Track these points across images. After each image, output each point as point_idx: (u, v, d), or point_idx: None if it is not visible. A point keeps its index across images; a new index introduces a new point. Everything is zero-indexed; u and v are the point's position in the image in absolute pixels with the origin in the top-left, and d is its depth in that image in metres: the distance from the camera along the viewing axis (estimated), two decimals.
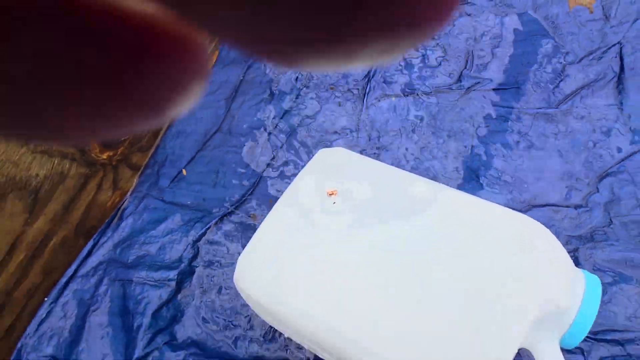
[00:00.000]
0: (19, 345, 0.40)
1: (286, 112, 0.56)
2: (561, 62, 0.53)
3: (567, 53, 0.53)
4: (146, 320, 0.40)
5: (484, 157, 0.49)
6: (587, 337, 0.38)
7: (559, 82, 0.52)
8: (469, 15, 0.58)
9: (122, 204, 0.49)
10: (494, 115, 0.52)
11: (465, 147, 0.50)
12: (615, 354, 0.36)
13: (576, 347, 0.37)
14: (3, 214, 0.38)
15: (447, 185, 0.48)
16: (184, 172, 0.50)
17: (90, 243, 0.46)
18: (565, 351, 0.32)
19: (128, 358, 0.38)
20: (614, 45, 0.52)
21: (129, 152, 0.50)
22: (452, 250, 0.32)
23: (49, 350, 0.40)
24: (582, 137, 0.48)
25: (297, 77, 0.57)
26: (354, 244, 0.33)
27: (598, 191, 0.45)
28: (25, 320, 0.41)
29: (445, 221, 0.34)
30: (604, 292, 0.39)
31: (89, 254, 0.45)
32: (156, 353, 0.38)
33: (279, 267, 0.33)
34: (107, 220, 0.48)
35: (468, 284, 0.30)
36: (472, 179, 0.48)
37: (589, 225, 0.43)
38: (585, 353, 0.37)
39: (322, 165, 0.38)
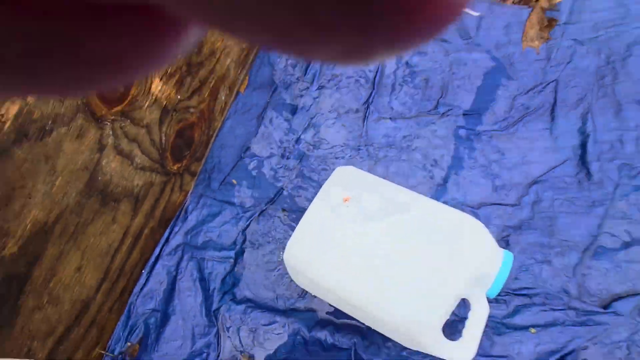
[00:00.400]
0: (129, 302, 0.58)
1: (305, 129, 0.73)
2: (513, 94, 0.71)
3: (518, 86, 0.71)
4: (217, 285, 0.58)
5: (452, 167, 0.68)
6: (507, 291, 0.58)
7: (510, 109, 0.70)
8: (447, 51, 0.75)
9: (186, 202, 0.67)
10: (460, 135, 0.70)
11: (439, 159, 0.68)
12: (525, 302, 0.56)
13: (502, 299, 0.57)
14: (119, 212, 0.55)
15: (423, 189, 0.66)
16: (234, 182, 0.67)
17: (168, 231, 0.63)
18: (492, 300, 0.51)
19: (208, 309, 0.57)
20: (551, 82, 0.70)
21: (190, 163, 0.67)
22: (421, 235, 0.50)
23: (151, 305, 0.58)
24: (522, 152, 0.67)
25: (311, 104, 0.74)
26: (361, 231, 0.52)
27: (528, 194, 0.64)
28: (131, 286, 0.59)
29: (418, 218, 0.52)
30: (524, 263, 0.59)
31: (167, 239, 0.63)
32: (225, 306, 0.57)
33: (315, 247, 0.51)
34: (177, 214, 0.65)
35: (432, 257, 0.48)
36: (441, 183, 0.67)
37: (519, 218, 0.62)
38: (507, 303, 0.57)
39: (340, 178, 0.56)
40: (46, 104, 0.43)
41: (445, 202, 0.64)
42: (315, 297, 0.59)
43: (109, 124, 0.51)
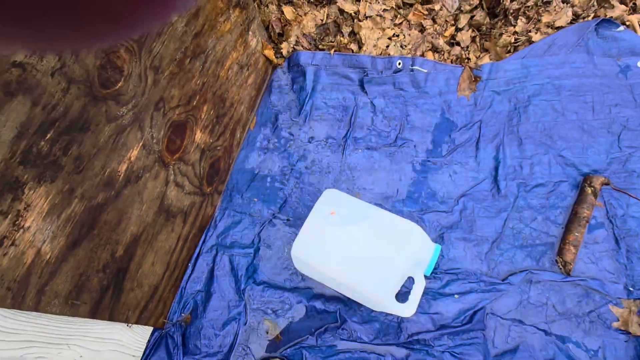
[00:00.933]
0: (181, 286, 0.83)
1: (299, 159, 0.98)
2: (451, 130, 0.98)
3: (453, 124, 0.98)
4: (243, 272, 0.84)
5: (409, 186, 0.95)
6: (441, 271, 0.85)
7: (449, 141, 0.97)
8: (404, 97, 1.01)
9: (215, 214, 0.91)
10: (414, 162, 0.97)
11: (398, 180, 0.95)
12: (452, 278, 0.84)
13: (437, 276, 0.85)
14: (175, 224, 0.80)
15: (385, 201, 0.93)
16: (255, 200, 0.92)
17: (203, 236, 0.88)
18: (430, 277, 0.79)
19: (237, 289, 0.82)
20: (477, 122, 0.98)
21: (218, 185, 0.92)
22: (382, 235, 0.77)
23: (198, 287, 0.83)
24: (457, 174, 0.94)
25: (309, 138, 0.99)
26: (342, 233, 0.78)
27: (457, 204, 0.91)
28: (182, 274, 0.84)
29: (379, 223, 0.79)
30: (453, 252, 0.87)
31: (204, 241, 0.88)
32: (250, 287, 0.83)
33: (313, 245, 0.77)
34: (209, 222, 0.90)
35: (388, 248, 0.75)
36: (399, 198, 0.94)
37: (451, 221, 0.90)
38: (440, 279, 0.84)
39: (328, 197, 0.82)
40: (139, 159, 0.67)
41: (401, 210, 0.91)
42: (311, 279, 0.85)
43: (171, 167, 0.75)
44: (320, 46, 1.06)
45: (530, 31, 1.02)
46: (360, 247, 0.76)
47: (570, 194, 0.89)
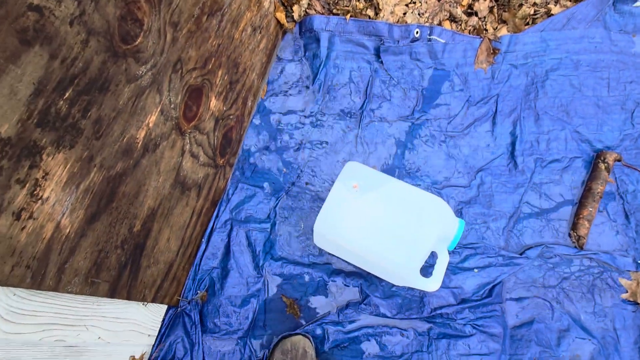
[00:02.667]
0: (195, 263, 0.79)
1: (312, 131, 0.94)
2: (467, 103, 0.96)
3: (470, 97, 0.96)
4: (260, 248, 0.80)
5: (426, 160, 0.93)
6: (460, 246, 0.85)
7: (466, 115, 0.95)
8: (421, 69, 0.98)
9: (227, 187, 0.86)
10: (431, 136, 0.94)
11: (414, 153, 0.93)
12: (471, 253, 0.84)
13: (456, 251, 0.85)
14: (190, 198, 0.74)
15: (402, 174, 0.91)
16: (285, 170, 0.87)
17: (217, 209, 0.83)
18: (450, 252, 0.78)
19: (256, 264, 0.79)
20: (494, 96, 0.96)
21: (230, 157, 0.86)
22: (405, 209, 0.75)
23: (213, 264, 0.79)
24: (472, 148, 0.93)
25: (323, 109, 0.95)
26: (365, 207, 0.75)
27: (475, 178, 0.90)
28: (195, 251, 0.80)
29: (404, 197, 0.77)
30: (471, 227, 0.86)
31: (217, 215, 0.83)
32: (268, 263, 0.79)
33: (336, 219, 0.74)
34: (222, 196, 0.85)
35: (413, 223, 0.73)
36: (416, 171, 0.92)
37: (469, 196, 0.89)
38: (459, 253, 0.84)
39: (350, 170, 0.79)
40: (157, 126, 0.61)
41: (418, 185, 0.90)
42: (330, 254, 0.83)
43: (187, 135, 0.69)
44: (334, 11, 1.00)
45: (549, 3, 0.99)
46: (384, 222, 0.74)
47: (583, 170, 0.90)
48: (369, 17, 0.99)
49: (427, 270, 0.82)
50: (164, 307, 0.75)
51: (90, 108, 0.48)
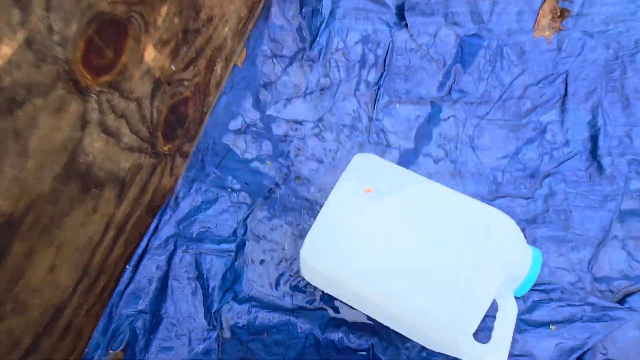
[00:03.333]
0: (110, 303, 0.50)
1: (309, 111, 0.66)
2: (525, 83, 0.68)
3: (528, 76, 0.69)
4: (216, 282, 0.52)
5: (467, 157, 0.64)
6: None
7: (521, 99, 0.68)
8: (458, 35, 0.71)
9: (176, 188, 0.58)
10: (474, 125, 0.67)
11: (453, 148, 0.65)
12: (542, 298, 0.55)
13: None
14: (102, 200, 0.46)
15: (436, 178, 0.62)
16: (269, 163, 0.59)
17: (156, 220, 0.55)
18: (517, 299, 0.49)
19: (207, 309, 0.50)
20: (562, 73, 0.68)
21: (182, 143, 0.59)
22: (449, 230, 0.46)
23: (138, 306, 0.50)
24: (534, 145, 0.65)
25: (324, 84, 0.67)
26: (384, 224, 0.47)
27: (541, 187, 0.62)
28: (113, 285, 0.51)
29: (445, 210, 0.49)
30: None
31: (156, 229, 0.55)
32: (228, 306, 0.51)
33: (335, 241, 0.46)
34: (166, 202, 0.57)
35: (461, 253, 0.45)
36: (455, 174, 0.64)
37: (533, 211, 0.61)
38: (524, 298, 0.55)
39: (359, 167, 0.51)
40: (18, 68, 0.34)
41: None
42: (324, 295, 0.54)
43: (94, 96, 0.42)
44: None
45: None
46: (414, 249, 0.46)
47: None
48: None
49: (480, 328, 0.53)
50: None
51: None
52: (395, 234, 0.47)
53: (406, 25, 0.72)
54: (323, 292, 0.52)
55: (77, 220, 0.44)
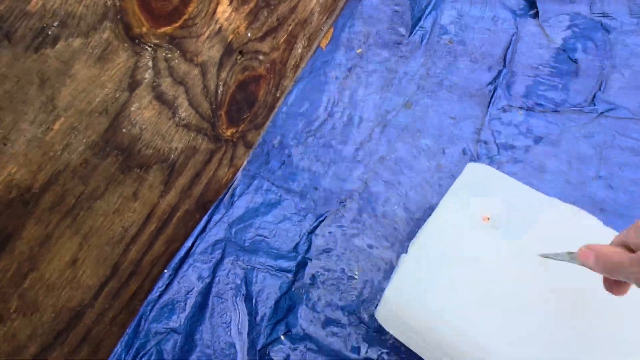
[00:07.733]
0: (140, 313, 0.41)
1: (401, 108, 0.54)
2: None
3: None
4: (267, 310, 0.40)
5: (615, 187, 0.47)
6: None
7: None
8: (608, 31, 0.54)
9: (234, 181, 0.49)
10: (625, 144, 0.49)
11: (595, 173, 0.48)
12: None
13: None
14: (146, 185, 0.37)
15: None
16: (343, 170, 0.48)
17: (205, 219, 0.45)
18: None
19: (252, 344, 0.39)
20: None
21: (247, 129, 0.49)
22: (584, 287, 0.31)
23: (171, 323, 0.40)
24: None
25: (423, 77, 0.55)
26: (504, 266, 0.33)
27: None
28: (145, 292, 0.42)
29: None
30: None
31: (204, 229, 0.45)
32: (278, 344, 0.39)
33: (429, 283, 0.33)
34: (220, 197, 0.47)
35: (611, 313, 0.30)
36: (600, 207, 0.47)
37: None
38: None
39: (472, 182, 0.37)
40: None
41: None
42: (406, 348, 0.41)
43: (150, 49, 0.33)
44: None
45: None
46: (544, 301, 0.31)
47: None
48: None
49: None
50: None
51: None
52: (525, 277, 0.33)
53: (536, 13, 0.56)
54: (405, 345, 0.38)
55: (112, 206, 0.35)
